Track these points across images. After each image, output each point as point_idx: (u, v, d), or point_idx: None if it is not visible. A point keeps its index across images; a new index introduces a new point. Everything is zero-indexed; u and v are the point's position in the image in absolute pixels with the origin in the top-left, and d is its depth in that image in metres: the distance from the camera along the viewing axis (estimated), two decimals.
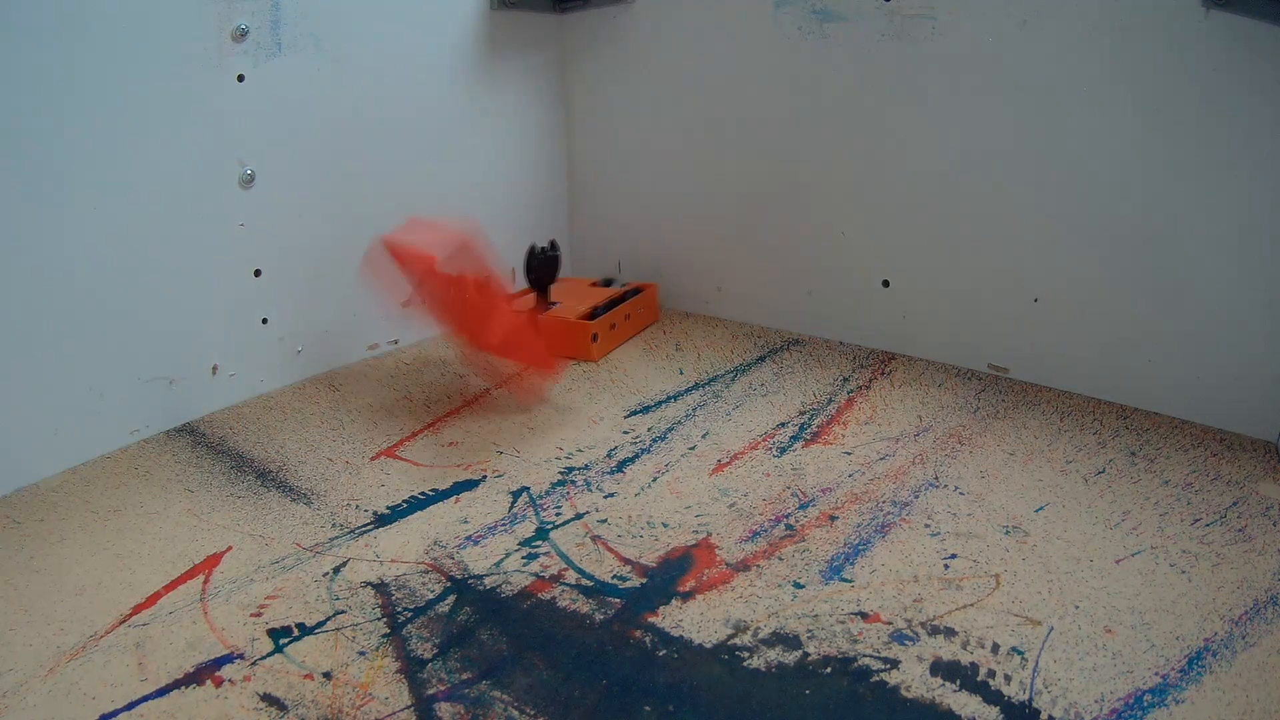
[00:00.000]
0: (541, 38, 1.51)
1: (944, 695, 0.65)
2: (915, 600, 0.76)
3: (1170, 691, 0.65)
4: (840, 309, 1.36)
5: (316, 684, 0.68)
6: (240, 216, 1.16)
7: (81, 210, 1.00)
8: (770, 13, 1.29)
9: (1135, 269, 1.08)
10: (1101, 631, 0.72)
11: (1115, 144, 1.06)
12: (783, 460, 1.01)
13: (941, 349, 1.27)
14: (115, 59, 1.00)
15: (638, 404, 1.17)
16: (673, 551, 0.84)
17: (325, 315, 1.30)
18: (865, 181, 1.28)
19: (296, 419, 1.15)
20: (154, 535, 0.90)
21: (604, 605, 0.77)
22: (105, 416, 1.06)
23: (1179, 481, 0.94)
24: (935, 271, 1.25)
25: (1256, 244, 0.99)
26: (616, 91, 1.52)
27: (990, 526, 0.87)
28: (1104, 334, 1.12)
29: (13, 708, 0.67)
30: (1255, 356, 1.02)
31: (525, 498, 0.95)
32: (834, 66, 1.26)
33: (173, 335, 1.12)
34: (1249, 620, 0.73)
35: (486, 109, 1.45)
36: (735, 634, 0.73)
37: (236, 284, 1.18)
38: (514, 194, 1.55)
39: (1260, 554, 0.81)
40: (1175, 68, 1.00)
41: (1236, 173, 0.99)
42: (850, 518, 0.89)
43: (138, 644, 0.73)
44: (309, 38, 1.18)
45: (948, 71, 1.16)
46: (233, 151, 1.14)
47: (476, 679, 0.69)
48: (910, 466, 0.99)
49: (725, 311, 1.50)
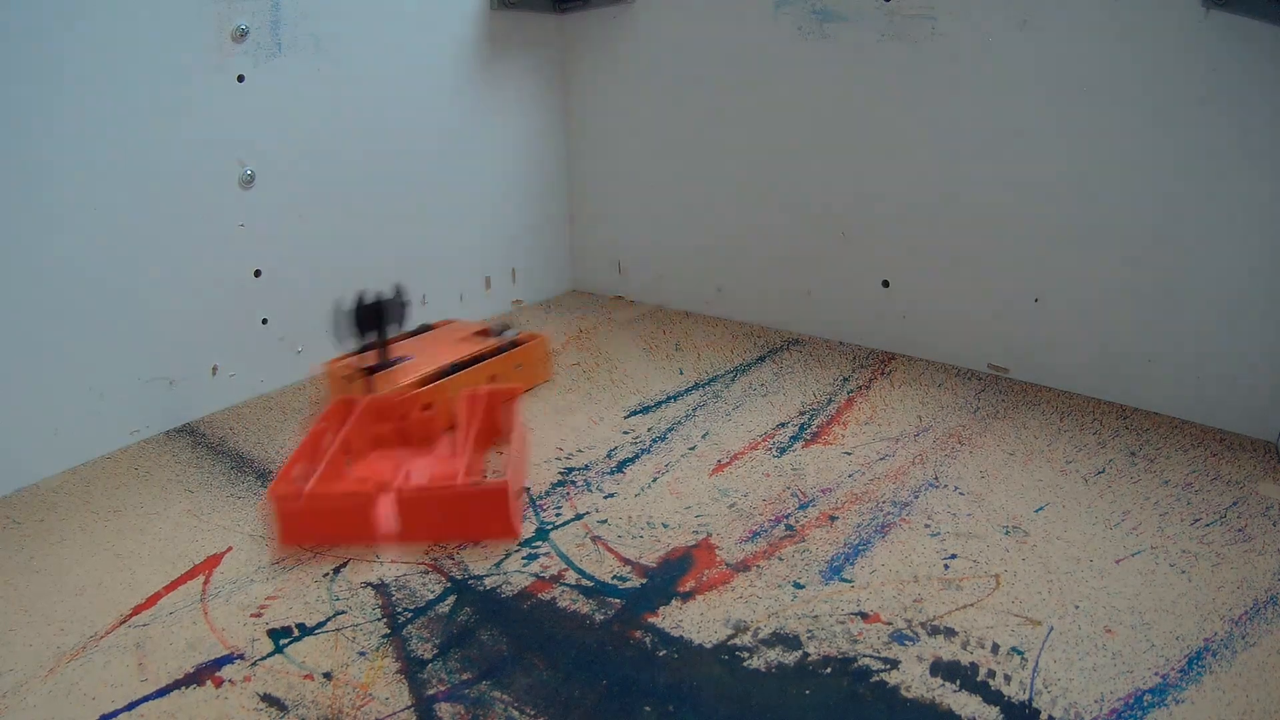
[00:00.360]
0: (541, 38, 1.51)
1: (944, 695, 0.65)
2: (915, 600, 0.76)
3: (1170, 691, 0.65)
4: (840, 309, 1.36)
5: (316, 684, 0.68)
6: (240, 216, 1.16)
7: (81, 210, 1.00)
8: (770, 13, 1.29)
9: (1135, 269, 1.08)
10: (1101, 631, 0.72)
11: (1115, 144, 1.06)
12: (783, 460, 1.01)
13: (941, 349, 1.27)
14: (115, 59, 1.00)
15: (638, 404, 1.17)
16: (673, 552, 0.84)
17: (325, 315, 1.29)
18: (865, 181, 1.28)
19: (296, 419, 1.15)
20: (154, 535, 0.90)
21: (604, 605, 0.77)
22: (105, 416, 1.06)
23: (1179, 481, 0.94)
24: (935, 271, 1.25)
25: (1256, 244, 0.99)
26: (616, 91, 1.52)
27: (990, 526, 0.87)
28: (1104, 334, 1.12)
29: (13, 708, 0.67)
30: (1255, 356, 1.02)
31: (525, 497, 0.95)
32: (834, 66, 1.26)
33: (173, 335, 1.12)
34: (1249, 620, 0.73)
35: (486, 109, 1.45)
36: (735, 634, 0.73)
37: (236, 284, 1.18)
38: (514, 194, 1.55)
39: (1260, 554, 0.81)
40: (1175, 68, 1.00)
41: (1236, 172, 0.99)
42: (850, 518, 0.89)
43: (138, 644, 0.73)
44: (309, 38, 1.18)
45: (948, 71, 1.16)
46: (233, 151, 1.14)
47: (476, 679, 0.69)
48: (910, 466, 0.99)
49: (725, 311, 1.50)
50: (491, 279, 1.54)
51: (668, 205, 1.52)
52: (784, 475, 0.98)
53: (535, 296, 1.63)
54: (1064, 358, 1.16)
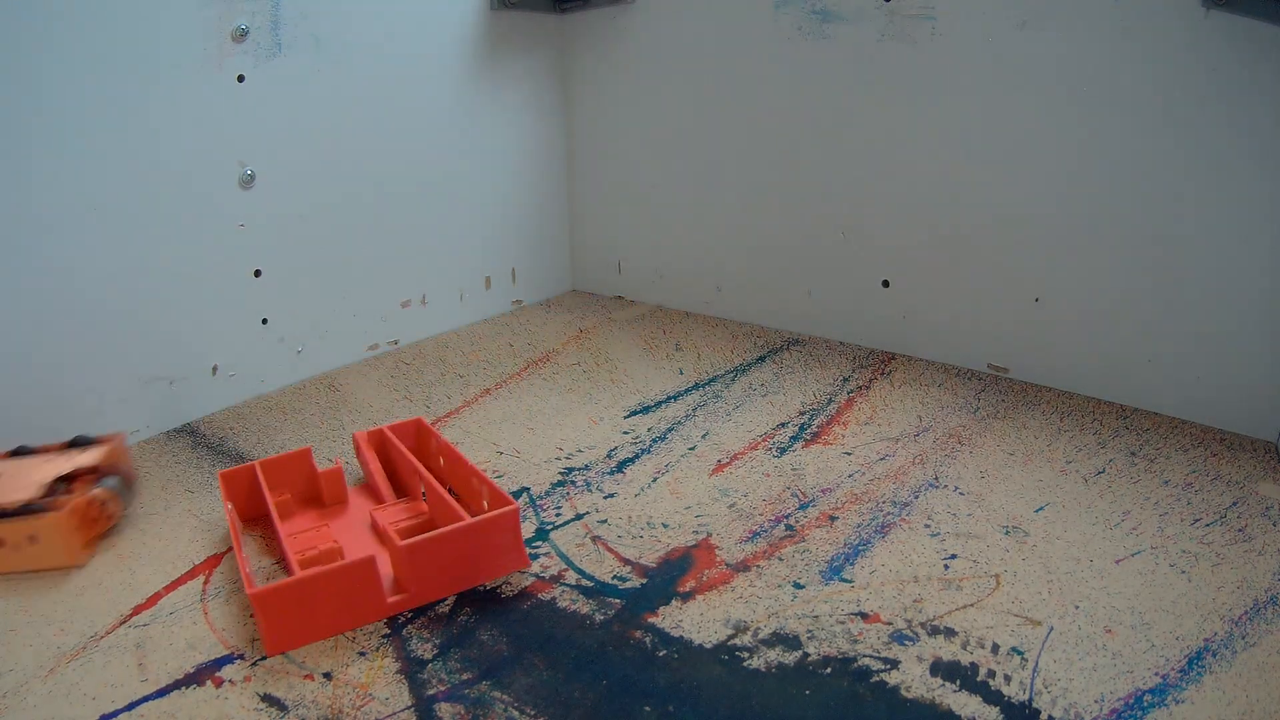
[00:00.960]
0: (541, 38, 1.51)
1: (944, 695, 0.65)
2: (915, 600, 0.76)
3: (1170, 691, 0.65)
4: (840, 309, 1.36)
5: (316, 684, 0.68)
6: (240, 216, 1.16)
7: (81, 211, 1.00)
8: (770, 13, 1.29)
9: (1135, 269, 1.08)
10: (1101, 631, 0.72)
11: (1115, 144, 1.06)
12: (783, 460, 1.01)
13: (941, 349, 1.27)
14: (115, 59, 1.00)
15: (638, 404, 1.17)
16: (673, 552, 0.84)
17: (325, 315, 1.30)
18: (865, 181, 1.28)
19: (296, 419, 1.15)
20: (154, 535, 0.90)
21: (604, 605, 0.77)
22: (105, 417, 1.06)
23: (1179, 481, 0.94)
24: (935, 271, 1.25)
25: (1257, 244, 0.99)
26: (616, 91, 1.52)
27: (990, 526, 0.87)
28: (1104, 334, 1.12)
29: (13, 708, 0.67)
30: (1255, 356, 1.02)
31: (525, 498, 0.95)
32: (834, 66, 1.26)
33: (173, 335, 1.12)
34: (1249, 620, 0.73)
35: (486, 109, 1.45)
36: (735, 634, 0.73)
37: (236, 284, 1.18)
38: (514, 194, 1.55)
39: (1260, 554, 0.81)
40: (1175, 68, 1.00)
41: (1236, 172, 0.99)
42: (850, 518, 0.89)
43: (138, 644, 0.73)
44: (309, 38, 1.18)
45: (948, 71, 1.16)
46: (233, 151, 1.14)
47: (476, 679, 0.69)
48: (910, 467, 0.99)
49: (725, 311, 1.50)
50: (491, 279, 1.54)
51: (668, 205, 1.52)
52: (784, 475, 0.98)
53: (535, 296, 1.63)
54: (1064, 358, 1.16)
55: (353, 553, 0.83)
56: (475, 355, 1.36)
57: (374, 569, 0.75)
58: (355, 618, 0.75)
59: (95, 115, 1.00)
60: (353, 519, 0.92)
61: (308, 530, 0.87)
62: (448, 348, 1.39)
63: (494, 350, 1.39)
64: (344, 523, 0.91)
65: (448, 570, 0.78)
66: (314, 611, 0.73)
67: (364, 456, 0.98)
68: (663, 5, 1.41)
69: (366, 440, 1.00)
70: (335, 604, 0.74)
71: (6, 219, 0.95)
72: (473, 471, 0.89)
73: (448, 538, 0.78)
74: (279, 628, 0.72)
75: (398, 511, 0.89)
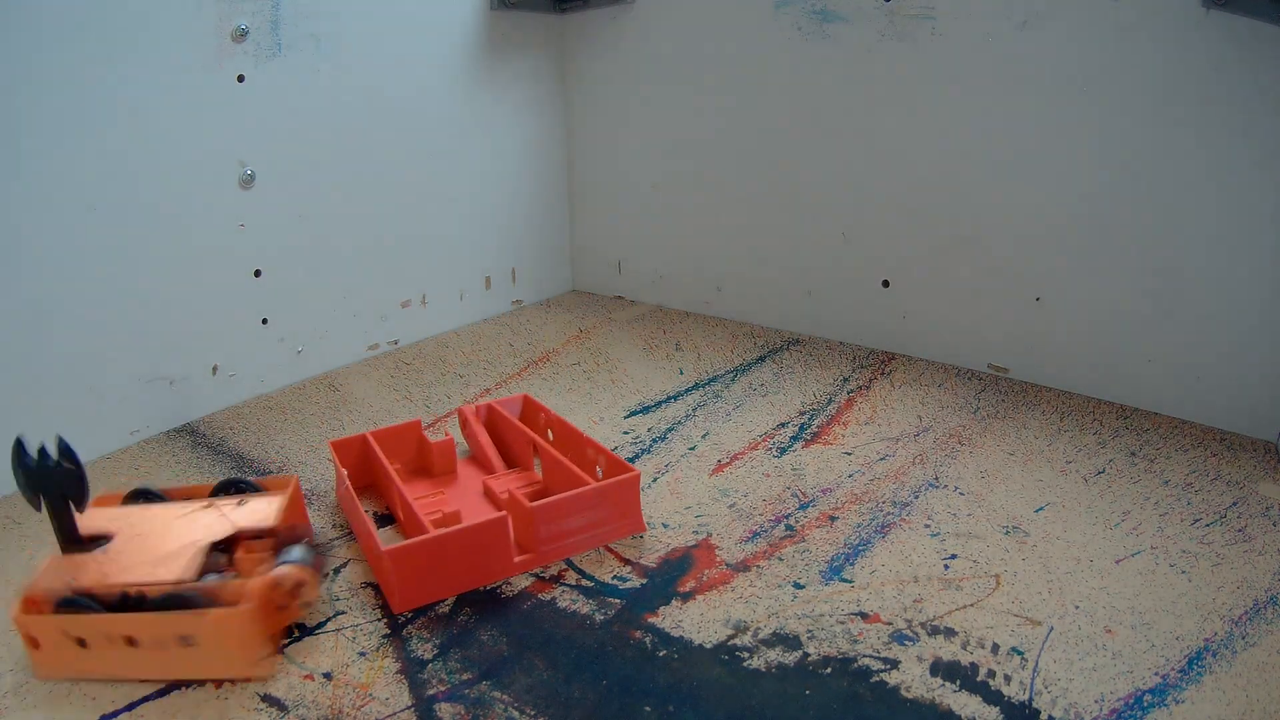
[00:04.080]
0: (541, 38, 1.51)
1: (944, 695, 0.65)
2: (915, 600, 0.76)
3: (1170, 691, 0.65)
4: (840, 309, 1.36)
5: (316, 684, 0.68)
6: (240, 216, 1.16)
7: (81, 210, 1.00)
8: (770, 13, 1.29)
9: (1135, 269, 1.08)
10: (1101, 631, 0.72)
11: (1115, 144, 1.06)
12: (783, 460, 1.01)
13: (941, 349, 1.27)
14: (115, 59, 1.00)
15: (638, 404, 1.17)
16: (673, 552, 0.84)
17: (325, 315, 1.30)
18: (865, 181, 1.28)
19: (296, 419, 1.15)
20: None
21: (604, 606, 0.77)
22: (105, 417, 1.06)
23: (1179, 481, 0.94)
24: (935, 271, 1.25)
25: (1256, 244, 0.99)
26: (616, 91, 1.52)
27: (990, 527, 0.87)
28: (1104, 334, 1.12)
29: (13, 708, 0.67)
30: (1255, 356, 1.02)
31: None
32: (834, 66, 1.26)
33: (173, 335, 1.12)
34: (1249, 620, 0.73)
35: (486, 109, 1.45)
36: (735, 634, 0.73)
37: (236, 284, 1.18)
38: (514, 194, 1.55)
39: (1260, 554, 0.81)
40: (1175, 68, 1.00)
41: (1237, 172, 0.99)
42: (850, 518, 0.89)
43: None
44: (309, 38, 1.18)
45: (948, 71, 1.16)
46: (233, 151, 1.14)
47: (476, 679, 0.69)
48: (910, 467, 0.99)
49: (725, 311, 1.50)
50: (491, 279, 1.54)
51: (668, 205, 1.52)
52: (784, 475, 0.98)
53: (535, 296, 1.63)
54: (1064, 358, 1.16)
55: (469, 518, 0.85)
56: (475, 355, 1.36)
57: (506, 528, 0.78)
58: (482, 576, 0.78)
59: (95, 115, 1.00)
60: (465, 488, 0.96)
61: (426, 496, 0.91)
62: (448, 348, 1.39)
63: (494, 350, 1.39)
64: (456, 491, 0.95)
65: (573, 532, 0.82)
66: (444, 569, 0.76)
67: (472, 430, 1.02)
68: (663, 5, 1.41)
69: (474, 414, 1.03)
70: (465, 562, 0.77)
71: (6, 219, 0.95)
72: (588, 442, 0.92)
73: (575, 500, 0.81)
74: (410, 585, 0.75)
75: (513, 479, 0.93)
